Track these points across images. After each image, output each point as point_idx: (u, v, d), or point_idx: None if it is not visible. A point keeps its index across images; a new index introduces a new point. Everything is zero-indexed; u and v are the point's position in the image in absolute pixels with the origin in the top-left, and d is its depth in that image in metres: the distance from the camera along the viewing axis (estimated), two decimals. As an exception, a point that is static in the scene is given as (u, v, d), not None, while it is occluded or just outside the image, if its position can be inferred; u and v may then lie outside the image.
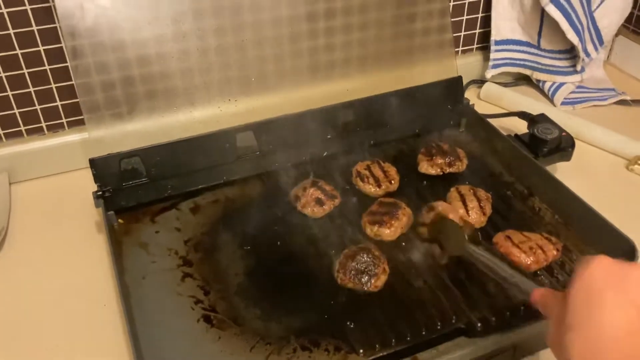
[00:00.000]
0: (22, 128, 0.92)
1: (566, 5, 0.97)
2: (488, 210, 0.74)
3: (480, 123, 0.88)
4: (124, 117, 0.81)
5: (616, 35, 1.16)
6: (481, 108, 1.02)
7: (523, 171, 0.81)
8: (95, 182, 0.74)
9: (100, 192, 0.73)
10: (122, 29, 0.77)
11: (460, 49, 1.11)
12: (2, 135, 0.91)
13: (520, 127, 0.95)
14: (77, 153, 0.93)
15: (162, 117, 0.82)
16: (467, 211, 0.73)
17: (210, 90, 0.88)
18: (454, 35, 1.08)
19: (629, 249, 0.64)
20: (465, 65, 1.10)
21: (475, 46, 1.13)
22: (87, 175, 0.90)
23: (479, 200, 0.74)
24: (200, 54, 0.85)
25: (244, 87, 0.90)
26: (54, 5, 0.79)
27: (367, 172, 0.79)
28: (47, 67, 0.87)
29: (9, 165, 0.91)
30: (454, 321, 0.62)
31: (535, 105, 1.02)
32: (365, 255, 0.67)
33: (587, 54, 1.05)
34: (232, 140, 0.79)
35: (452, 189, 0.77)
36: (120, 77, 0.81)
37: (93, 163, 0.73)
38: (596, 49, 1.07)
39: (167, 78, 0.84)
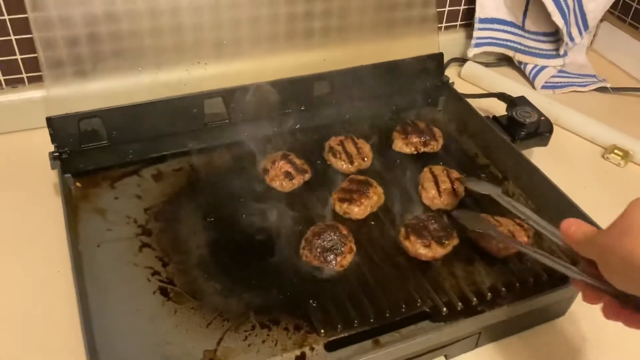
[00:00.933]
0: (-16, 80, 0.86)
1: (553, -14, 0.95)
2: (460, 192, 0.72)
3: (458, 102, 0.85)
4: (86, 76, 0.76)
5: (601, 21, 1.14)
6: (461, 87, 1.00)
7: (499, 154, 0.79)
8: (53, 142, 0.70)
9: (57, 153, 0.69)
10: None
11: (444, 25, 1.08)
12: (-45, 87, 0.86)
13: (499, 108, 0.93)
14: (37, 111, 0.88)
15: (127, 78, 0.78)
16: (439, 192, 0.71)
17: (180, 51, 0.83)
18: (438, 10, 1.04)
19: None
20: (447, 42, 1.07)
21: (458, 23, 1.09)
22: (46, 135, 0.86)
23: (451, 181, 0.72)
24: (171, 13, 0.80)
25: (216, 51, 0.86)
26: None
27: (339, 148, 0.76)
28: (6, 16, 0.82)
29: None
30: (419, 304, 0.61)
31: (515, 87, 1.00)
32: (332, 233, 0.65)
33: (571, 38, 1.03)
34: (199, 106, 0.75)
35: (426, 169, 0.75)
36: (84, 33, 0.76)
37: (50, 122, 0.69)
38: (580, 33, 1.05)
39: (134, 36, 0.80)
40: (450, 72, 1.08)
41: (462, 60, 1.08)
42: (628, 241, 0.42)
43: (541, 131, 0.84)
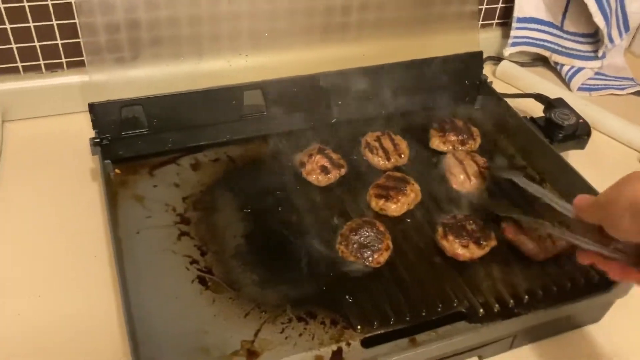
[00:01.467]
0: (19, 64, 0.88)
1: (597, -13, 0.93)
2: (487, 174, 0.74)
3: (496, 102, 0.85)
4: (127, 63, 0.77)
5: (641, 23, 1.12)
6: (495, 86, 0.99)
7: (537, 156, 0.78)
8: (94, 128, 0.71)
9: (97, 140, 0.70)
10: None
11: (480, 22, 1.07)
12: (-3, 70, 0.87)
13: (535, 109, 0.92)
14: (75, 96, 0.89)
15: (168, 67, 0.78)
16: (468, 176, 0.72)
17: (220, 41, 0.84)
18: (476, 7, 1.03)
19: None
20: (483, 40, 1.06)
21: (495, 21, 1.08)
22: (85, 120, 0.86)
23: (477, 164, 0.73)
24: (210, 2, 0.80)
25: (254, 41, 0.86)
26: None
27: (376, 144, 0.76)
28: (49, 1, 0.82)
29: (3, 102, 0.87)
30: (455, 304, 0.61)
31: (551, 88, 0.99)
32: (369, 230, 0.65)
33: (611, 40, 1.01)
34: (239, 98, 0.76)
35: (449, 155, 0.76)
36: (126, 19, 0.77)
37: (92, 108, 0.69)
38: (621, 35, 1.03)
39: (174, 25, 0.80)
40: (485, 71, 1.06)
41: (497, 59, 1.07)
42: (629, 189, 0.47)
43: (579, 134, 0.83)
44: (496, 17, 1.08)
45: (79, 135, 0.83)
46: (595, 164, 0.88)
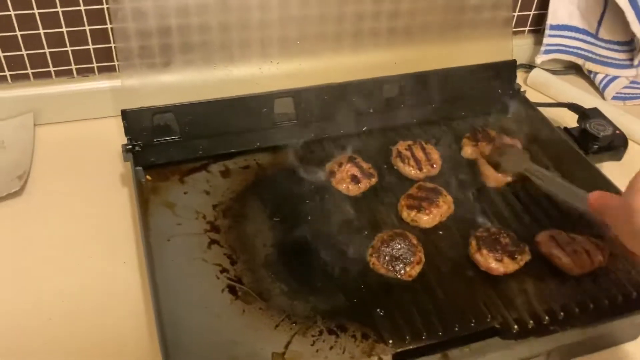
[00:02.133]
0: (52, 69, 0.89)
1: (634, -6, 0.91)
2: None
3: (530, 111, 0.83)
4: (159, 69, 0.77)
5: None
6: (528, 95, 0.97)
7: (571, 167, 0.76)
8: (126, 135, 0.71)
9: (130, 146, 0.70)
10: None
11: (512, 29, 1.05)
12: (31, 75, 0.88)
13: (567, 119, 0.90)
14: (106, 101, 0.90)
15: (199, 73, 0.78)
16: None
17: (251, 48, 0.84)
18: (508, 14, 1.02)
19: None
20: (515, 47, 1.04)
21: (527, 28, 1.07)
22: (115, 125, 0.88)
23: None
24: (240, 9, 0.80)
25: (285, 48, 0.86)
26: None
27: (408, 153, 0.75)
28: (82, 7, 0.83)
29: (35, 106, 0.89)
30: (488, 320, 0.59)
31: (585, 97, 0.97)
32: (401, 242, 0.64)
33: (647, 49, 0.99)
34: (270, 105, 0.75)
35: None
36: (158, 26, 0.77)
37: (125, 115, 0.70)
38: (657, 43, 1.01)
39: (205, 31, 0.80)
40: (517, 79, 1.05)
41: (528, 66, 1.06)
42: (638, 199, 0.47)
43: (615, 145, 0.81)
44: (528, 24, 1.06)
45: (109, 140, 0.84)
46: (631, 176, 0.86)
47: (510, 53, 0.87)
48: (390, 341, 0.57)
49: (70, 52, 0.88)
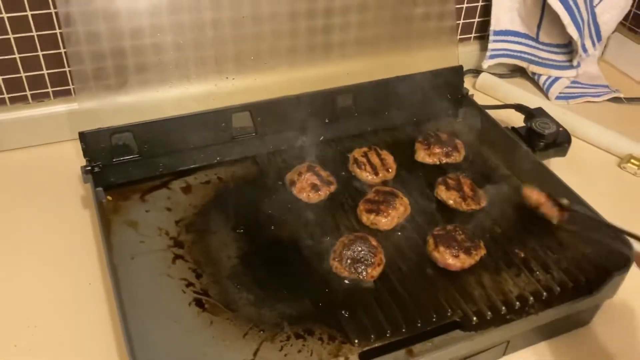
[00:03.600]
0: (6, 96, 0.88)
1: (569, -1, 0.97)
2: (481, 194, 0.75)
3: (478, 114, 0.87)
4: (115, 90, 0.78)
5: (612, 32, 1.16)
6: (476, 98, 1.02)
7: (520, 165, 0.80)
8: (85, 156, 0.71)
9: (89, 167, 0.71)
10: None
11: (458, 37, 1.10)
12: (-14, 102, 0.88)
13: (515, 119, 0.94)
14: (63, 124, 0.90)
15: (156, 92, 0.79)
16: (464, 198, 0.73)
17: (206, 66, 0.85)
18: (454, 23, 1.07)
19: (624, 251, 0.64)
20: (462, 54, 1.08)
21: (473, 35, 1.11)
22: (73, 148, 0.88)
23: (468, 186, 0.75)
24: (195, 28, 0.82)
25: (240, 65, 0.87)
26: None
27: (364, 159, 0.78)
28: (34, 33, 0.83)
29: (-5, 132, 0.88)
30: (449, 314, 0.62)
31: (530, 98, 1.02)
32: (362, 245, 0.66)
33: (585, 50, 1.05)
34: (228, 120, 0.77)
35: (440, 179, 0.77)
36: (112, 48, 0.78)
37: (83, 137, 0.70)
38: (594, 45, 1.06)
39: (160, 51, 0.81)
40: (466, 83, 1.09)
41: (476, 71, 1.10)
42: None
43: (560, 142, 0.85)
44: (474, 31, 1.11)
45: (68, 163, 0.84)
46: (577, 170, 0.90)
47: (457, 59, 0.90)
48: (356, 341, 0.59)
49: (24, 78, 0.87)
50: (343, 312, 0.61)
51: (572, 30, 0.99)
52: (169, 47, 0.82)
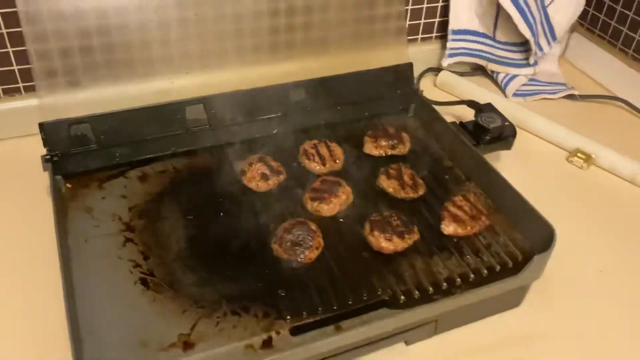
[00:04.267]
0: (-22, 91, 0.92)
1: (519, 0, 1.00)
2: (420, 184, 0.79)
3: (427, 109, 0.91)
4: (77, 85, 0.82)
5: (572, 31, 1.20)
6: (437, 95, 1.06)
7: (462, 157, 0.84)
8: (44, 146, 0.76)
9: (48, 156, 0.75)
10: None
11: (420, 36, 1.14)
12: None
13: (468, 115, 0.98)
14: (33, 118, 0.94)
15: (116, 87, 0.83)
16: (403, 187, 0.77)
17: (170, 63, 0.89)
18: (414, 22, 1.10)
19: (548, 235, 0.68)
20: (424, 52, 1.13)
21: (434, 34, 1.15)
22: (37, 141, 0.92)
23: (409, 176, 0.79)
24: (160, 26, 0.86)
25: (202, 62, 0.91)
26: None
27: (313, 151, 0.82)
28: (3, 30, 0.88)
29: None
30: (379, 293, 0.66)
31: (487, 95, 1.06)
32: (301, 229, 0.70)
33: (540, 48, 1.08)
34: (182, 112, 0.81)
35: (382, 169, 0.80)
36: (75, 45, 0.82)
37: (42, 127, 0.74)
38: (549, 43, 1.10)
39: (125, 49, 0.85)
40: (427, 81, 1.13)
41: (437, 69, 1.14)
42: None
43: (505, 135, 0.89)
44: (435, 31, 1.15)
45: (35, 155, 0.88)
46: (526, 163, 0.95)
47: (407, 57, 0.94)
48: (289, 317, 0.63)
49: (-6, 73, 0.92)
50: (280, 291, 0.65)
51: (524, 29, 1.03)
52: (135, 44, 0.86)
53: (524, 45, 1.11)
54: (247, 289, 0.66)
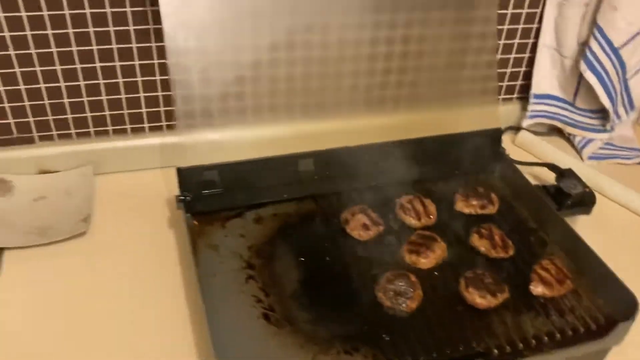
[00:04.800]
0: (110, 128, 1.05)
1: (602, 73, 1.07)
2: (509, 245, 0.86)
3: (513, 171, 0.98)
4: (204, 129, 0.93)
5: (646, 100, 1.26)
6: (515, 153, 1.13)
7: (546, 220, 0.91)
8: (180, 188, 0.87)
9: (182, 197, 0.86)
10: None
11: (502, 97, 1.22)
12: (92, 132, 1.05)
13: (549, 176, 1.05)
14: (154, 155, 1.06)
15: (243, 131, 0.94)
16: (494, 247, 0.85)
17: (277, 112, 1.00)
18: (498, 84, 1.19)
19: (631, 302, 0.75)
20: (505, 111, 1.21)
21: (515, 96, 1.23)
22: (160, 175, 1.04)
23: (500, 237, 0.86)
24: (271, 80, 0.97)
25: (306, 113, 1.02)
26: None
27: (409, 205, 0.90)
28: (139, 78, 1.01)
29: (96, 158, 1.05)
30: (474, 345, 0.73)
31: (564, 158, 1.12)
32: (403, 280, 0.78)
33: (618, 116, 1.15)
34: (294, 164, 0.91)
35: (474, 228, 0.88)
36: (215, 92, 0.93)
37: (180, 172, 0.85)
38: (627, 112, 1.17)
39: (254, 96, 0.96)
40: (506, 139, 1.21)
41: (517, 128, 1.21)
42: None
43: (586, 202, 0.96)
44: (516, 92, 1.23)
45: (155, 188, 1.00)
46: (603, 229, 1.00)
47: (498, 121, 1.02)
48: (394, 361, 0.71)
49: (126, 115, 1.04)
50: (384, 336, 0.74)
51: (604, 100, 1.09)
52: (248, 95, 0.97)
53: (601, 112, 1.18)
54: (354, 331, 0.74)
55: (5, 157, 1.02)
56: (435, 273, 0.83)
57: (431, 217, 0.90)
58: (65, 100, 1.00)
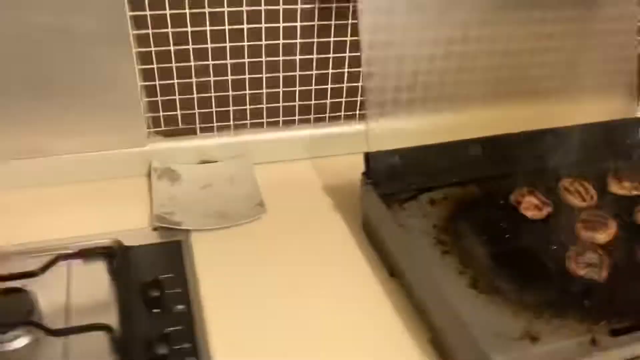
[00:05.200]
0: (264, 120, 1.11)
1: None
2: None
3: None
4: (395, 117, 0.98)
5: None
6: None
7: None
8: (366, 171, 0.92)
9: (369, 180, 0.92)
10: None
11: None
12: (249, 124, 1.11)
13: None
14: (301, 146, 1.13)
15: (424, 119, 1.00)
16: None
17: (441, 102, 1.06)
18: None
19: None
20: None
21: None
22: (309, 165, 1.12)
23: None
24: (442, 73, 1.02)
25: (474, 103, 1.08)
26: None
27: (572, 188, 0.97)
28: (296, 73, 1.07)
29: (252, 149, 1.11)
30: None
31: None
32: (591, 252, 0.85)
33: None
34: (465, 149, 0.97)
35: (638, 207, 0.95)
36: (402, 84, 0.98)
37: (367, 157, 0.91)
38: None
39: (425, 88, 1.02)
40: None
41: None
42: None
43: None
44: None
45: (307, 177, 1.10)
46: None
47: (634, 112, 1.10)
48: (603, 322, 0.77)
49: (280, 108, 1.10)
50: (585, 301, 0.80)
51: None
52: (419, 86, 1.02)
53: None
54: (558, 298, 0.80)
55: (170, 147, 1.07)
56: (611, 248, 0.89)
57: (592, 198, 0.97)
58: (230, 94, 1.06)
